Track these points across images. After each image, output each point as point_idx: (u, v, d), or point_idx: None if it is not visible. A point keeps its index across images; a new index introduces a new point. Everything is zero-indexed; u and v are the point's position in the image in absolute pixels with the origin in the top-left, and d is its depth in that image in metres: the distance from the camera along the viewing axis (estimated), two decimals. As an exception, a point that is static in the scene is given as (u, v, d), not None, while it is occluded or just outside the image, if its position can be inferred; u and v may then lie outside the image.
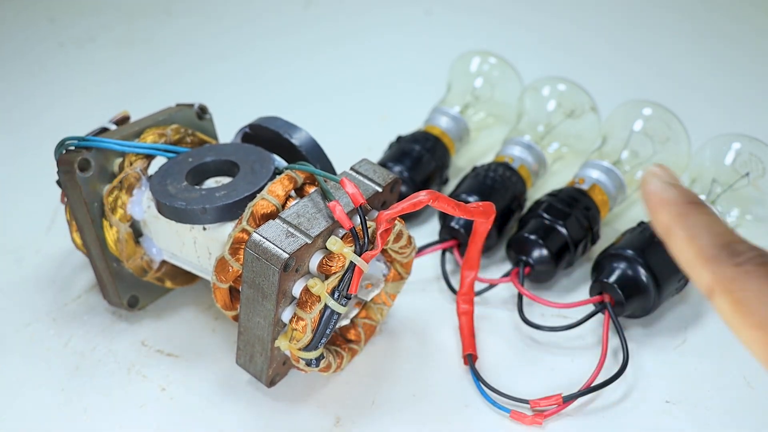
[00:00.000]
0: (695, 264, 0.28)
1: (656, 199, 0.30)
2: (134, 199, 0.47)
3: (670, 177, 0.31)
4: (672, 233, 0.29)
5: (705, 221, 0.28)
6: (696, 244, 0.28)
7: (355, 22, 0.95)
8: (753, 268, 0.26)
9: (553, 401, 0.44)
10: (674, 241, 0.29)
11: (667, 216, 0.29)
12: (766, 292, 0.25)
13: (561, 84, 0.61)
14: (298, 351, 0.41)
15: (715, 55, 0.84)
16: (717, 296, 0.27)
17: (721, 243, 0.27)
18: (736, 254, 0.27)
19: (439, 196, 0.40)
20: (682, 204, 0.29)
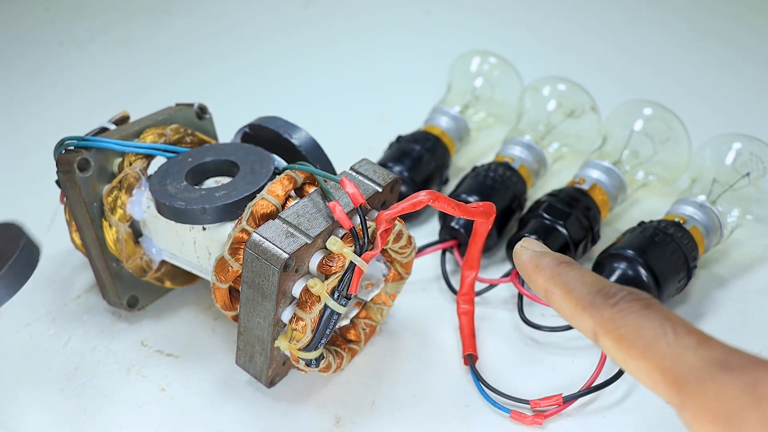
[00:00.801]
0: (576, 314, 0.31)
1: (531, 266, 0.34)
2: (134, 199, 0.47)
3: (539, 246, 0.35)
4: (550, 293, 0.32)
5: (577, 275, 0.32)
6: (573, 296, 0.31)
7: (355, 22, 0.95)
8: (626, 305, 0.29)
9: (553, 401, 0.44)
10: (554, 299, 0.32)
11: (543, 279, 0.33)
12: (641, 325, 0.28)
13: (561, 84, 0.61)
14: (298, 351, 0.41)
15: (715, 55, 0.84)
16: (601, 337, 0.29)
17: (595, 290, 0.30)
18: (610, 296, 0.30)
19: (439, 196, 0.40)
20: (555, 266, 0.33)
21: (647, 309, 0.29)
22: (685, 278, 0.49)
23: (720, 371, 0.25)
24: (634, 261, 0.48)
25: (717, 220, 0.52)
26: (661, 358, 0.27)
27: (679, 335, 0.27)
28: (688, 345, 0.27)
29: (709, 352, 0.26)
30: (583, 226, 0.52)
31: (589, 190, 0.54)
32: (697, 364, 0.26)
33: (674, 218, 0.51)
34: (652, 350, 0.27)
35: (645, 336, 0.28)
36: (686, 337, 0.27)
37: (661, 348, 0.27)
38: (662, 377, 0.27)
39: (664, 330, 0.27)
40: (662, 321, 0.28)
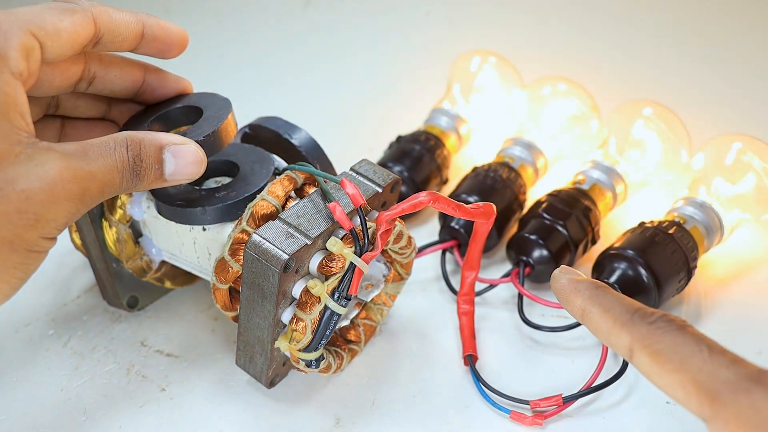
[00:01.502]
0: (613, 330, 0.33)
1: (569, 289, 0.36)
2: (134, 199, 0.47)
3: (574, 273, 0.37)
4: (587, 312, 0.34)
5: (614, 297, 0.34)
6: (611, 315, 0.33)
7: (355, 22, 0.95)
8: (664, 325, 0.31)
9: (553, 402, 0.44)
10: (591, 318, 0.34)
11: (581, 300, 0.35)
12: (678, 342, 0.30)
13: (561, 83, 0.61)
14: (298, 352, 0.41)
15: (715, 55, 0.84)
16: (636, 352, 0.31)
17: (633, 310, 0.33)
18: (647, 316, 0.32)
19: (439, 197, 0.40)
20: (593, 288, 0.35)
21: (683, 329, 0.31)
22: (685, 278, 0.49)
23: (754, 384, 0.28)
24: (635, 261, 0.48)
25: (717, 220, 0.52)
26: (696, 372, 0.29)
27: (714, 353, 0.29)
28: (722, 362, 0.29)
29: (743, 369, 0.28)
30: (583, 226, 0.52)
31: (589, 190, 0.54)
32: (732, 379, 0.28)
33: (674, 218, 0.51)
34: (688, 365, 0.29)
35: (681, 352, 0.30)
36: (721, 356, 0.29)
37: (697, 363, 0.29)
38: (696, 389, 0.29)
39: (700, 348, 0.29)
40: (698, 340, 0.30)
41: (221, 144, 0.43)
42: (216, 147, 0.43)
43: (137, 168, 0.37)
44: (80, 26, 0.37)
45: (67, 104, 0.45)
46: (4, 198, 0.33)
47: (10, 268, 0.35)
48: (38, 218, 0.34)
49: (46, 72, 0.39)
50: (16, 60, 0.34)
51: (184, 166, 0.39)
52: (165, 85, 0.46)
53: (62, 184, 0.34)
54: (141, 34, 0.41)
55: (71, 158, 0.35)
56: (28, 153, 0.34)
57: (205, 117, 0.44)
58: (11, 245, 0.34)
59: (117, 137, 0.37)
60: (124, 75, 0.44)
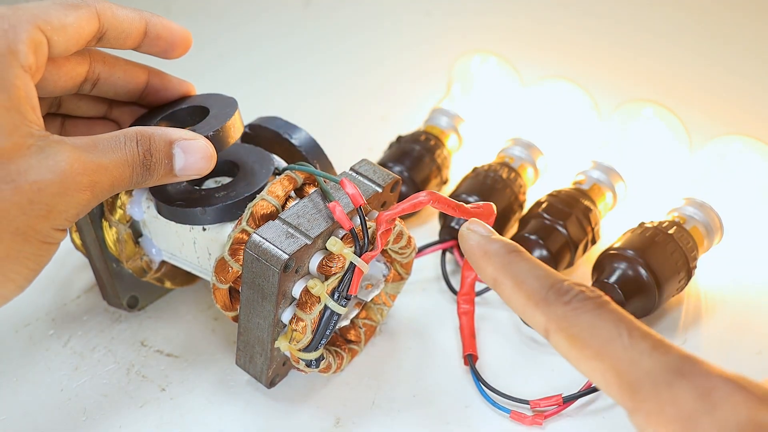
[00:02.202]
0: (527, 308, 0.30)
1: (479, 252, 0.33)
2: (134, 199, 0.47)
3: (488, 231, 0.34)
4: (499, 282, 0.32)
5: (528, 267, 0.31)
6: (524, 289, 0.30)
7: (355, 22, 0.95)
8: (580, 304, 0.29)
9: (553, 402, 0.44)
10: (503, 289, 0.32)
11: (492, 268, 0.32)
12: (596, 325, 0.28)
13: (561, 83, 0.61)
14: (298, 352, 0.41)
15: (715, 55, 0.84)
16: (552, 334, 0.29)
17: (547, 285, 0.30)
18: (564, 293, 0.29)
19: (439, 197, 0.40)
20: (504, 254, 0.32)
21: (601, 308, 0.29)
22: (685, 278, 0.49)
23: (675, 377, 0.26)
24: (635, 261, 0.48)
25: (717, 219, 0.52)
26: (616, 360, 0.27)
27: (634, 338, 0.27)
28: (643, 349, 0.27)
29: (665, 357, 0.27)
30: (583, 226, 0.52)
31: (589, 190, 0.54)
32: (653, 369, 0.26)
33: (674, 218, 0.51)
34: (607, 352, 0.27)
35: (599, 336, 0.28)
36: (641, 341, 0.27)
37: (616, 350, 0.27)
38: (616, 379, 0.27)
39: (619, 332, 0.28)
40: (617, 322, 0.28)
41: (228, 140, 0.43)
42: (223, 143, 0.43)
43: (147, 162, 0.38)
44: (85, 21, 0.38)
45: (70, 104, 0.45)
46: (17, 189, 0.33)
47: (24, 259, 0.35)
48: (50, 209, 0.34)
49: (51, 72, 0.40)
50: (25, 54, 0.35)
51: (195, 161, 0.39)
52: (168, 87, 0.46)
53: (73, 176, 0.35)
54: (144, 32, 0.42)
55: (82, 151, 0.35)
56: (39, 145, 0.34)
57: (212, 115, 0.44)
58: (25, 236, 0.34)
59: (127, 132, 0.38)
60: (128, 77, 0.44)
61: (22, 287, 0.36)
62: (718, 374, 0.26)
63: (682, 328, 0.50)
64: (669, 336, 0.49)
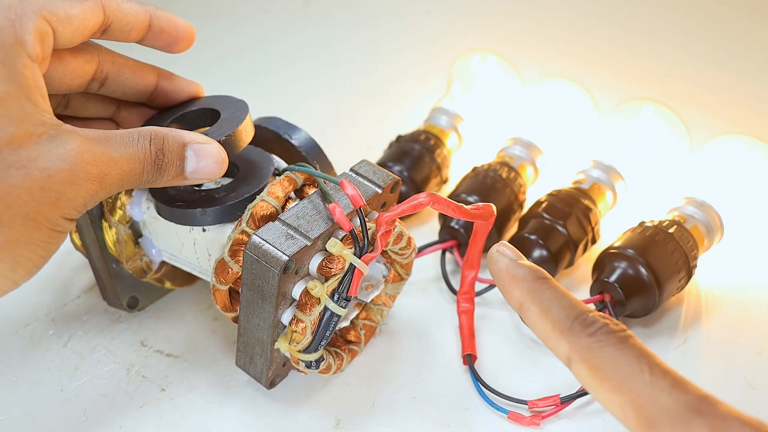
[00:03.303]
0: (551, 335, 0.31)
1: (507, 276, 0.33)
2: (134, 200, 0.47)
3: (517, 254, 0.35)
4: (525, 308, 0.32)
5: (554, 295, 0.32)
6: (550, 317, 0.31)
7: (355, 22, 0.95)
8: (604, 337, 0.29)
9: (550, 402, 0.44)
10: (529, 315, 0.32)
11: (519, 292, 0.33)
12: (618, 359, 0.29)
13: (561, 83, 0.61)
14: (298, 353, 0.41)
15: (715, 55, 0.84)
16: (575, 364, 0.30)
17: (573, 315, 0.31)
18: (588, 325, 0.30)
19: (438, 199, 0.40)
20: (532, 280, 0.33)
21: (624, 343, 0.29)
22: (685, 277, 0.49)
23: (694, 416, 0.27)
24: (635, 260, 0.48)
25: (717, 219, 0.52)
26: (636, 395, 0.28)
27: (655, 375, 0.28)
28: (663, 386, 0.28)
29: (684, 396, 0.27)
30: (583, 226, 0.52)
31: (589, 189, 0.54)
32: (672, 407, 0.27)
33: (674, 217, 0.51)
34: (628, 386, 0.28)
35: (621, 370, 0.28)
36: (662, 378, 0.28)
37: (637, 385, 0.28)
38: (634, 414, 0.28)
39: (641, 367, 0.28)
40: (639, 358, 0.29)
41: (240, 144, 0.43)
42: (235, 148, 0.43)
43: (159, 162, 0.38)
44: (90, 13, 0.38)
45: (77, 104, 0.45)
46: (27, 176, 0.34)
47: (35, 246, 0.35)
48: (59, 197, 0.35)
49: (58, 69, 0.40)
50: (32, 44, 0.35)
51: (207, 165, 0.40)
52: (177, 89, 0.46)
53: (83, 165, 0.35)
54: (148, 25, 0.42)
55: (93, 143, 0.36)
56: (51, 134, 0.34)
57: (223, 118, 0.44)
58: (35, 222, 0.34)
59: (141, 130, 0.38)
60: (137, 77, 0.44)
61: (31, 273, 0.37)
62: (736, 416, 0.27)
63: (682, 328, 0.50)
64: (669, 336, 0.49)
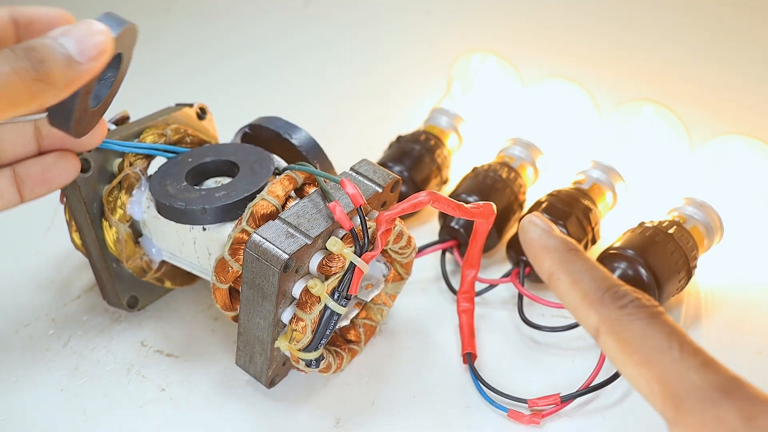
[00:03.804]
0: (581, 306, 0.30)
1: (538, 246, 0.33)
2: (134, 199, 0.47)
3: (548, 225, 0.34)
4: (555, 278, 0.32)
5: (586, 267, 0.31)
6: (580, 288, 0.30)
7: (355, 22, 0.95)
8: (635, 311, 0.29)
9: (551, 401, 0.44)
10: (558, 285, 0.31)
11: (550, 262, 0.32)
12: (647, 333, 0.28)
13: (561, 83, 0.61)
14: (298, 352, 0.41)
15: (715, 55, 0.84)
16: (603, 336, 0.29)
17: (604, 287, 0.30)
18: (619, 298, 0.29)
19: (439, 197, 0.40)
20: (564, 251, 0.32)
21: (655, 318, 0.29)
22: (685, 278, 0.49)
23: (722, 397, 0.26)
24: (635, 260, 0.48)
25: (717, 219, 0.52)
26: (664, 371, 0.27)
27: (685, 352, 0.28)
28: (692, 364, 0.27)
29: (713, 376, 0.27)
30: (583, 226, 0.52)
31: (589, 190, 0.54)
32: (700, 385, 0.26)
33: (674, 218, 0.51)
34: (656, 361, 0.27)
35: (650, 345, 0.28)
36: (692, 357, 0.27)
37: (665, 361, 0.27)
38: (661, 389, 0.27)
39: (671, 344, 0.28)
40: (669, 334, 0.28)
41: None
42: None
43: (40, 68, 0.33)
44: None
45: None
46: None
47: None
48: None
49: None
50: None
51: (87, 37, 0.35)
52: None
53: None
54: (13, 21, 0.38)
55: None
56: None
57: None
58: None
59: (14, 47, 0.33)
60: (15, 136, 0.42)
61: None
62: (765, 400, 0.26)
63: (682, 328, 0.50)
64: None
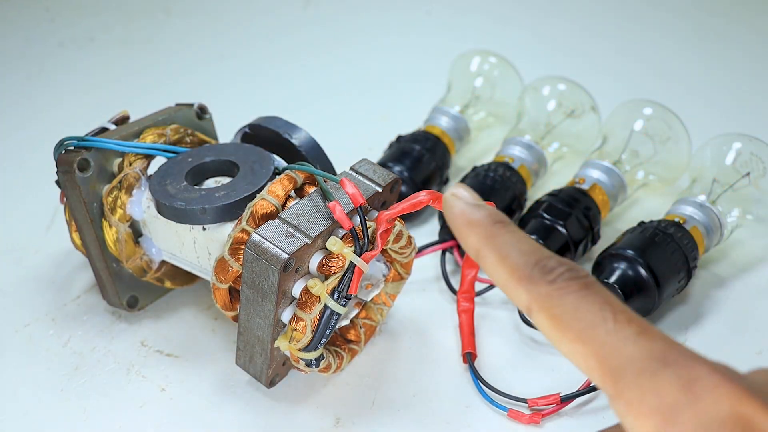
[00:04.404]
0: (510, 284, 0.29)
1: (463, 221, 0.31)
2: (134, 199, 0.47)
3: (474, 197, 0.32)
4: (482, 255, 0.30)
5: (513, 240, 0.29)
6: (508, 264, 0.29)
7: (355, 22, 0.95)
8: (565, 284, 0.27)
9: (551, 400, 0.44)
10: (486, 262, 0.30)
11: (476, 238, 0.30)
12: (580, 307, 0.27)
13: (561, 83, 0.61)
14: (298, 351, 0.41)
15: (715, 55, 0.84)
16: (535, 313, 0.28)
17: (532, 261, 0.28)
18: (548, 272, 0.28)
19: (439, 197, 0.40)
20: (489, 225, 0.30)
21: (587, 290, 0.27)
22: (685, 278, 0.49)
23: (659, 366, 0.25)
24: (634, 261, 0.48)
25: (717, 220, 0.52)
26: (599, 345, 0.26)
27: (619, 323, 0.26)
28: (627, 335, 0.26)
29: (650, 344, 0.26)
30: (583, 226, 0.52)
31: (589, 190, 0.54)
32: (636, 356, 0.25)
33: (674, 218, 0.51)
34: (590, 336, 0.26)
35: (583, 320, 0.27)
36: (626, 326, 0.26)
37: (600, 335, 0.26)
38: (598, 365, 0.26)
39: (604, 316, 0.26)
40: (602, 305, 0.27)
41: None
42: None
43: None
44: None
45: None
46: None
47: None
48: None
49: None
50: None
51: None
52: None
53: None
54: None
55: None
56: None
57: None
58: None
59: None
60: None
61: None
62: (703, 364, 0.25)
63: (682, 328, 0.50)
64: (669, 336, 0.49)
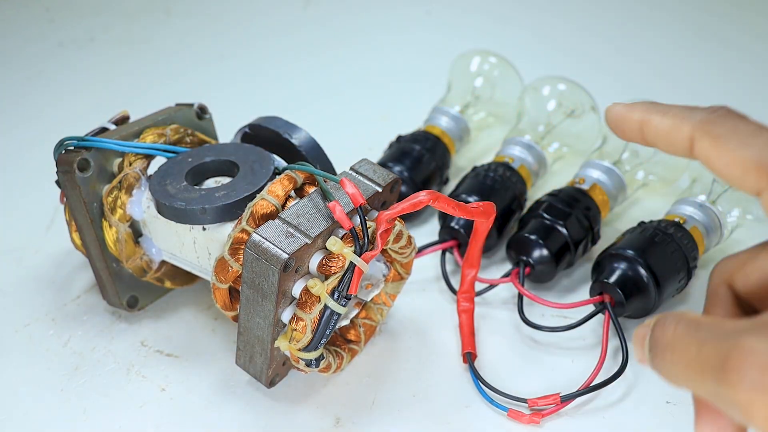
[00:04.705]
0: (674, 126, 0.32)
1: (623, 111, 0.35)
2: (134, 199, 0.47)
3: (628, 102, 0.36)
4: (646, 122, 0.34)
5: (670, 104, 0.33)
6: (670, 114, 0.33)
7: (355, 22, 0.95)
8: (725, 113, 0.31)
9: (551, 400, 0.44)
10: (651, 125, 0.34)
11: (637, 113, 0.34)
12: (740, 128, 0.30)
13: (561, 83, 0.61)
14: (298, 351, 0.41)
15: (715, 55, 0.84)
16: (697, 141, 0.31)
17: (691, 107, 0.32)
18: (707, 108, 0.32)
19: (439, 197, 0.40)
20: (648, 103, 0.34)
21: (744, 118, 0.31)
22: (685, 278, 0.49)
23: None
24: (634, 261, 0.48)
25: (717, 220, 0.52)
26: (758, 150, 0.29)
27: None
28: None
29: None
30: (583, 226, 0.52)
31: (589, 190, 0.54)
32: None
33: (674, 218, 0.51)
34: (750, 143, 0.29)
35: (742, 134, 0.30)
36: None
37: (758, 142, 0.29)
38: (755, 164, 0.29)
39: (761, 132, 0.30)
40: (760, 127, 0.30)
41: None
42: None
43: None
44: None
45: None
46: None
47: None
48: None
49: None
50: None
51: None
52: None
53: None
54: None
55: None
56: None
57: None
58: None
59: None
60: None
61: None
62: None
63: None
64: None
